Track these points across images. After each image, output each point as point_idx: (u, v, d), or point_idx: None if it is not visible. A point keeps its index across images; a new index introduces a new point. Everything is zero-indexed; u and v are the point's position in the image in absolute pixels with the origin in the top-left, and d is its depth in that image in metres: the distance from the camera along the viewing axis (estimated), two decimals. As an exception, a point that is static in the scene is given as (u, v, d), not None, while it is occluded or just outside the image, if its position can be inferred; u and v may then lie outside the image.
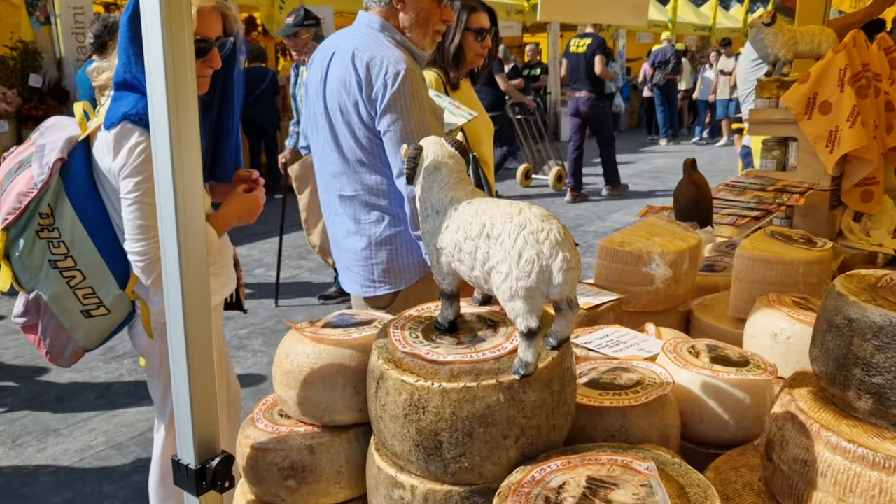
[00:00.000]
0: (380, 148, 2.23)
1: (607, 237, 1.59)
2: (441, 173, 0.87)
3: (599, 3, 3.18)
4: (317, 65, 2.37)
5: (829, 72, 2.34)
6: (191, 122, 1.02)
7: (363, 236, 2.33)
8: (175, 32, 0.96)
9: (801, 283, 1.48)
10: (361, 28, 2.29)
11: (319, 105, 2.32)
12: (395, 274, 2.35)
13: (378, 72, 2.12)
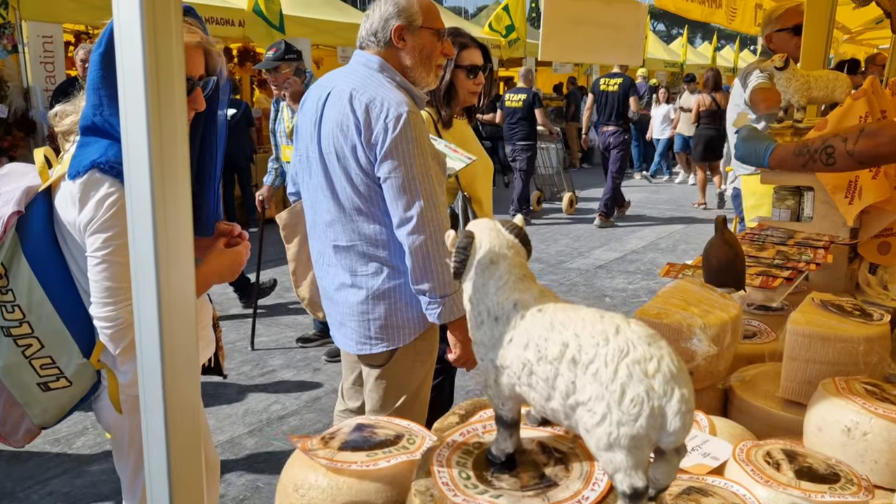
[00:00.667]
0: (378, 195, 2.06)
1: (641, 308, 1.42)
2: (499, 269, 0.70)
3: (597, 44, 3.10)
4: (310, 105, 2.20)
5: (849, 119, 2.22)
6: (179, 171, 0.83)
7: (360, 289, 2.15)
8: (163, 65, 0.77)
9: (861, 363, 1.32)
10: (359, 68, 2.14)
11: (313, 148, 2.14)
12: (393, 330, 2.18)
13: (378, 114, 1.98)
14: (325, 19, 10.25)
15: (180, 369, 0.90)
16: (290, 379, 4.42)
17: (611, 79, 9.14)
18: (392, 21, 2.10)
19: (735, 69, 25.53)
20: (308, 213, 2.29)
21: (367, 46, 2.16)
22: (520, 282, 0.69)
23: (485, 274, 0.70)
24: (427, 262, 2.03)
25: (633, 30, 3.42)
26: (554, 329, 0.64)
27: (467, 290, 0.73)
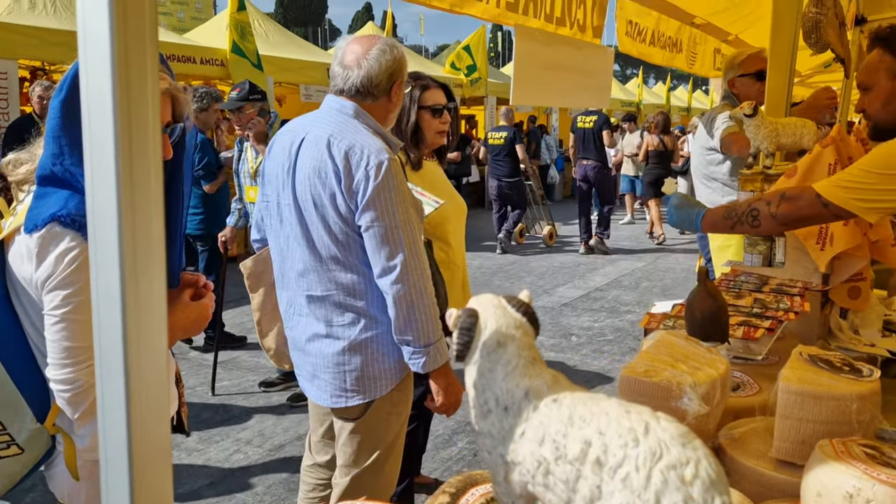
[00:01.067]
0: (357, 244, 2.01)
1: (628, 366, 1.38)
2: (507, 351, 0.64)
3: (567, 88, 3.11)
4: (280, 150, 2.14)
5: (819, 166, 2.25)
6: (152, 225, 0.76)
7: (336, 340, 2.09)
8: (136, 108, 0.69)
9: (855, 421, 1.30)
10: (333, 113, 2.09)
11: (286, 196, 2.08)
12: (369, 381, 2.11)
13: (359, 161, 1.94)
14: (288, 57, 10.25)
15: (149, 458, 0.82)
16: (252, 426, 4.27)
17: (587, 116, 9.80)
18: (396, 76, 2.10)
19: (689, 109, 26.25)
20: (276, 262, 2.22)
21: (359, 96, 2.09)
22: (530, 366, 0.64)
23: (491, 357, 0.64)
24: (411, 311, 1.99)
25: (601, 73, 3.46)
26: (574, 424, 0.58)
27: (471, 375, 0.67)
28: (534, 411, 0.62)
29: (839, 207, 1.74)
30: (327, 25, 65.34)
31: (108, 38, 0.64)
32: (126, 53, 0.69)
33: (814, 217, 1.85)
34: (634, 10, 4.08)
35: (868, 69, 1.94)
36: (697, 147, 3.78)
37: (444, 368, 2.10)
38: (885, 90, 1.88)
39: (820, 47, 3.74)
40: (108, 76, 0.69)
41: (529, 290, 3.52)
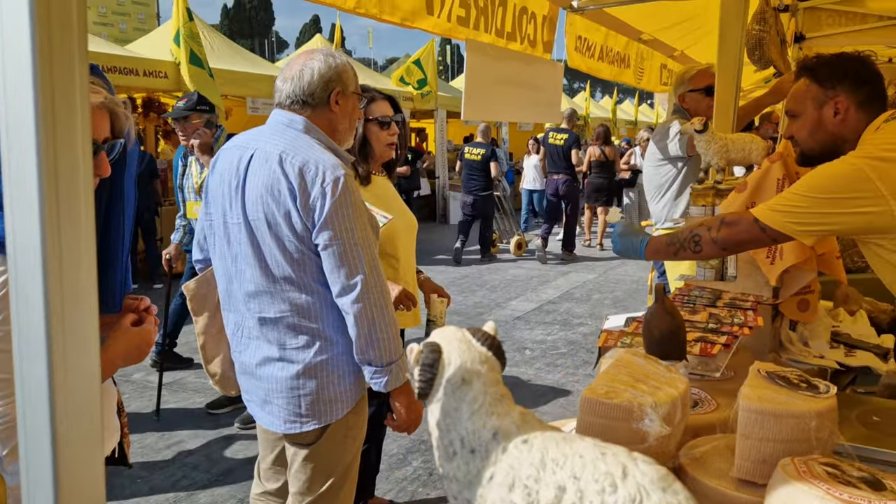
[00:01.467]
0: (313, 263, 1.94)
1: (589, 387, 1.35)
2: (473, 389, 0.60)
3: (517, 103, 3.11)
4: (226, 167, 2.05)
5: (768, 182, 2.28)
6: (82, 248, 0.69)
7: (289, 363, 2.01)
8: (62, 126, 0.62)
9: (813, 438, 1.29)
10: (281, 128, 2.01)
11: (234, 214, 1.99)
12: (325, 405, 2.04)
13: (314, 178, 1.87)
14: (234, 70, 10.08)
15: (79, 494, 0.75)
16: (199, 450, 4.13)
17: (558, 133, 10.41)
18: (333, 84, 2.04)
19: (635, 122, 26.79)
20: (222, 283, 2.13)
21: (298, 107, 2.04)
22: (498, 404, 0.60)
23: (456, 395, 0.60)
24: (372, 329, 1.94)
25: (550, 88, 3.47)
26: (546, 468, 0.54)
27: (434, 414, 0.62)
28: (503, 453, 0.58)
29: (776, 231, 1.81)
30: (274, 37, 64.78)
31: (30, 44, 0.57)
32: (51, 62, 0.62)
33: (752, 241, 1.91)
34: (583, 25, 4.11)
35: (795, 97, 2.00)
36: (649, 162, 3.82)
37: (406, 386, 2.06)
38: (811, 119, 1.96)
39: (763, 63, 3.84)
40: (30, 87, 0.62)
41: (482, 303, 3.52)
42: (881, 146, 1.76)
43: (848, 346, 2.46)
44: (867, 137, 1.86)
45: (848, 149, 1.87)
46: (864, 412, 1.65)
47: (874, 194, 1.69)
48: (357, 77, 2.14)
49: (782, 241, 1.93)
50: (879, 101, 1.93)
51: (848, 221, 1.77)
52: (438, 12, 2.64)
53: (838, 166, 1.78)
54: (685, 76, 3.59)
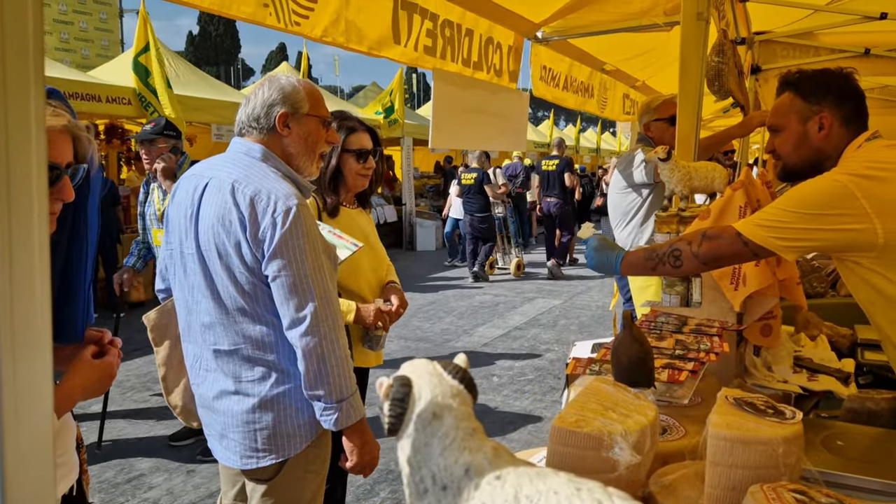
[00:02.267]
0: (265, 294, 1.89)
1: (559, 416, 1.34)
2: (444, 424, 0.59)
3: (484, 131, 3.13)
4: (183, 196, 2.01)
5: (730, 209, 2.32)
6: (35, 273, 0.66)
7: (244, 396, 1.95)
8: (15, 150, 0.60)
9: (781, 465, 1.30)
10: (239, 156, 1.98)
11: (189, 244, 1.95)
12: (282, 439, 1.98)
13: (265, 208, 1.83)
14: (198, 96, 10.01)
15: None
16: (160, 484, 4.01)
17: (550, 160, 11.66)
18: (277, 107, 1.99)
19: (598, 150, 27.21)
20: (181, 314, 2.08)
21: (248, 133, 2.02)
22: (469, 439, 0.58)
23: (427, 430, 0.59)
24: (322, 364, 1.88)
25: (516, 117, 3.51)
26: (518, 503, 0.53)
27: (404, 450, 0.61)
28: (475, 490, 0.57)
29: (759, 245, 1.79)
30: (240, 65, 64.63)
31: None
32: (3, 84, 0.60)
33: (734, 255, 1.89)
34: (548, 56, 4.18)
35: (778, 112, 2.00)
36: (614, 189, 3.87)
37: (359, 425, 1.98)
38: (795, 133, 1.95)
39: (722, 94, 3.92)
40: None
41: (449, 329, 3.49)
42: (865, 164, 1.76)
43: (810, 371, 2.50)
44: (849, 154, 1.86)
45: (829, 165, 1.87)
46: (828, 437, 1.67)
47: (858, 212, 1.68)
48: (319, 99, 2.07)
49: (763, 256, 1.91)
50: (861, 120, 1.92)
51: (831, 238, 1.76)
52: (405, 42, 2.65)
53: (823, 182, 1.77)
54: (650, 106, 3.66)
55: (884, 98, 8.24)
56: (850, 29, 5.05)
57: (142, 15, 8.46)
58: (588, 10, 3.56)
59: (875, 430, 1.75)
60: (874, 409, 1.93)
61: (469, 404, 0.64)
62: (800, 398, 2.33)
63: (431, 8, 2.80)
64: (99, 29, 29.48)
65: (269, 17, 2.03)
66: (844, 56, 5.56)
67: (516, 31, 3.67)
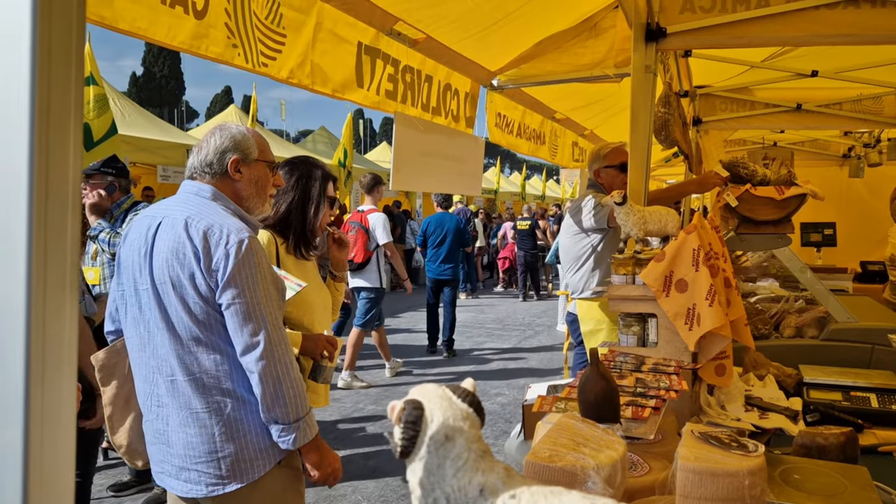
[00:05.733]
0: (219, 323, 1.97)
1: (532, 450, 1.36)
2: (456, 446, 0.60)
3: (442, 175, 3.19)
4: (136, 236, 2.08)
5: (684, 252, 2.40)
6: (66, 304, 0.65)
7: (202, 427, 1.99)
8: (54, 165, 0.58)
9: (748, 496, 1.34)
10: (190, 197, 2.08)
11: (143, 280, 2.01)
12: (246, 464, 2.02)
13: (218, 240, 1.93)
14: (144, 137, 9.88)
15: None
16: (99, 537, 3.83)
17: (523, 221, 14.71)
18: (229, 154, 2.13)
19: (543, 196, 27.76)
20: (135, 351, 2.10)
21: (199, 177, 2.14)
22: (481, 460, 0.60)
23: (439, 452, 0.60)
24: (278, 386, 1.94)
25: (473, 161, 3.58)
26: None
27: (416, 473, 0.61)
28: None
29: None
30: (184, 107, 64.03)
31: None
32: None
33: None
34: (503, 103, 4.29)
35: None
36: (566, 234, 3.95)
37: (315, 442, 2.06)
38: None
39: (669, 143, 4.08)
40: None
41: (400, 373, 3.50)
42: None
43: (761, 409, 2.58)
44: None
45: None
46: (784, 471, 1.72)
47: None
48: (264, 145, 2.21)
49: None
50: None
51: None
52: (368, 85, 2.70)
53: None
54: (600, 153, 3.78)
55: (815, 151, 8.70)
56: (783, 85, 5.34)
57: (87, 50, 8.35)
58: (542, 59, 3.69)
59: (827, 464, 1.82)
60: (824, 444, 1.99)
61: (478, 427, 0.65)
62: (752, 436, 2.39)
63: (393, 54, 2.86)
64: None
65: (238, 57, 2.05)
66: (778, 111, 5.87)
67: (473, 79, 3.77)
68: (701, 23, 3.35)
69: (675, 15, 3.39)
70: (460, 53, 3.34)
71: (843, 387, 2.77)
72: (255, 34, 2.08)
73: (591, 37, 3.54)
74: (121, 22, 1.68)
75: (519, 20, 3.12)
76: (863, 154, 7.77)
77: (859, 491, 1.60)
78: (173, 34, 1.84)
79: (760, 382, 2.91)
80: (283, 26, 2.19)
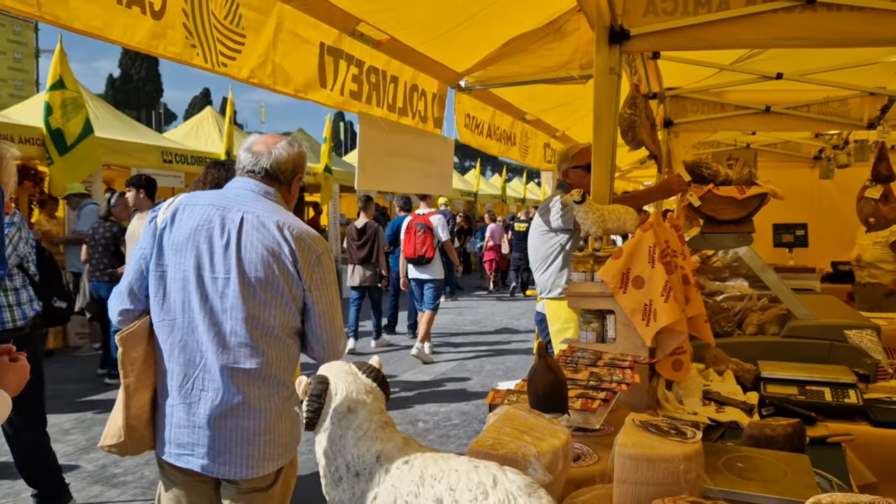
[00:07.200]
0: (296, 320, 2.17)
1: (476, 439, 1.39)
2: (357, 417, 0.64)
3: (410, 175, 3.22)
4: (197, 223, 2.14)
5: (640, 249, 2.45)
6: None
7: (255, 412, 2.12)
8: None
9: (682, 481, 1.38)
10: (259, 198, 2.21)
11: (220, 269, 2.10)
12: (284, 448, 2.22)
13: (310, 246, 2.14)
14: (118, 139, 9.81)
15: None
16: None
17: (521, 223, 14.85)
18: (299, 169, 2.32)
19: (524, 199, 27.85)
20: (176, 335, 2.14)
21: (267, 180, 2.24)
22: (381, 430, 0.64)
23: (342, 423, 0.63)
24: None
25: (442, 162, 3.61)
26: (425, 483, 0.58)
27: (321, 443, 0.65)
28: (385, 474, 0.61)
29: None
30: (162, 109, 63.50)
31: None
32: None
33: None
34: (471, 104, 4.33)
35: None
36: (535, 234, 4.00)
37: None
38: None
39: (635, 144, 4.14)
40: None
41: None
42: None
43: (718, 403, 2.63)
44: None
45: None
46: (729, 460, 1.77)
47: None
48: None
49: None
50: None
51: None
52: (331, 86, 2.72)
53: None
54: (568, 154, 3.82)
55: (787, 153, 8.83)
56: (752, 87, 5.43)
57: (58, 52, 8.30)
58: (508, 62, 3.73)
59: (772, 453, 1.86)
60: (771, 434, 2.05)
61: (382, 401, 0.68)
62: (708, 429, 2.44)
63: (357, 54, 2.89)
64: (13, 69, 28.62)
65: (197, 57, 2.07)
66: (748, 113, 5.96)
67: (440, 80, 3.80)
68: (663, 25, 3.40)
69: (639, 17, 3.44)
70: (426, 55, 3.37)
71: (798, 381, 2.83)
72: (214, 34, 2.10)
73: (556, 39, 3.59)
74: (76, 22, 1.70)
75: (483, 22, 3.16)
76: (832, 156, 7.89)
77: (798, 477, 1.65)
78: (130, 34, 1.86)
79: (719, 378, 2.96)
80: (243, 27, 2.21)
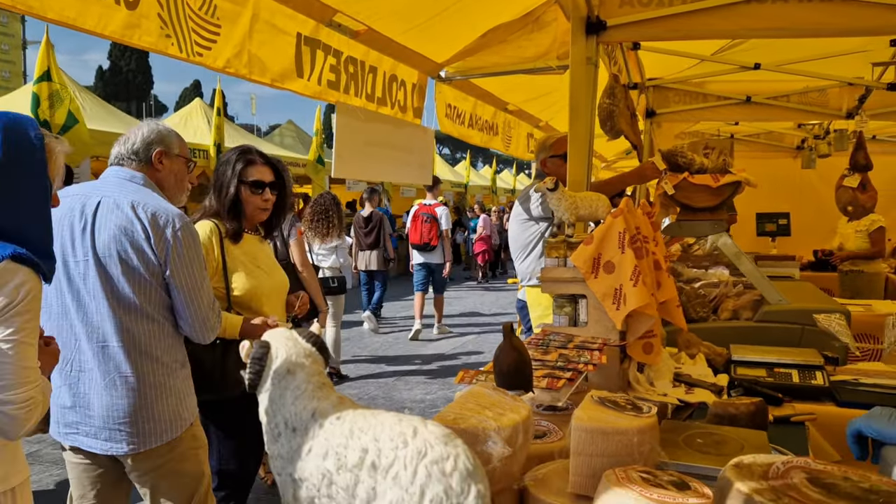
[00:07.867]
0: (159, 296, 2.22)
1: (439, 414, 1.45)
2: (296, 378, 0.69)
3: (388, 164, 3.26)
4: (62, 213, 2.22)
5: (611, 235, 2.51)
6: None
7: (130, 390, 2.20)
8: None
9: (636, 453, 1.44)
10: (124, 182, 2.28)
11: (79, 253, 2.20)
12: (166, 425, 2.26)
13: (165, 223, 2.17)
14: (106, 130, 9.81)
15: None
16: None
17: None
18: (154, 146, 2.35)
19: (514, 190, 27.93)
20: (52, 319, 2.24)
21: (127, 164, 2.34)
22: (318, 390, 0.69)
23: (282, 384, 0.68)
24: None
25: (422, 152, 3.65)
26: (353, 435, 0.64)
27: (263, 402, 0.70)
28: (319, 429, 0.66)
29: None
30: (153, 101, 63.16)
31: None
32: None
33: None
34: (452, 94, 4.37)
35: None
36: (514, 222, 4.05)
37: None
38: None
39: (614, 134, 4.20)
40: None
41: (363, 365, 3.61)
42: None
43: (688, 385, 2.70)
44: None
45: None
46: (689, 436, 1.83)
47: None
48: (183, 143, 2.46)
49: None
50: None
51: None
52: (308, 75, 2.76)
53: None
54: (546, 143, 3.87)
55: (770, 143, 8.91)
56: (733, 77, 5.48)
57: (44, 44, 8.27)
58: (487, 52, 3.77)
59: (732, 430, 1.93)
60: (735, 413, 2.11)
61: (320, 364, 0.73)
62: (678, 409, 2.51)
63: (334, 45, 2.92)
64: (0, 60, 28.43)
65: (171, 46, 2.11)
66: (729, 103, 6.03)
67: (419, 70, 3.84)
68: (639, 16, 3.45)
69: (615, 9, 3.49)
70: (404, 45, 3.41)
71: (767, 364, 2.90)
72: (189, 24, 2.14)
73: (534, 30, 3.63)
74: (49, 11, 1.73)
75: (461, 12, 3.20)
76: (814, 146, 7.98)
77: (754, 451, 1.71)
78: (104, 24, 1.89)
79: (691, 361, 3.03)
80: (218, 17, 2.25)
